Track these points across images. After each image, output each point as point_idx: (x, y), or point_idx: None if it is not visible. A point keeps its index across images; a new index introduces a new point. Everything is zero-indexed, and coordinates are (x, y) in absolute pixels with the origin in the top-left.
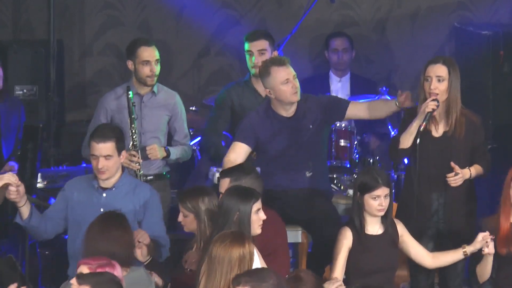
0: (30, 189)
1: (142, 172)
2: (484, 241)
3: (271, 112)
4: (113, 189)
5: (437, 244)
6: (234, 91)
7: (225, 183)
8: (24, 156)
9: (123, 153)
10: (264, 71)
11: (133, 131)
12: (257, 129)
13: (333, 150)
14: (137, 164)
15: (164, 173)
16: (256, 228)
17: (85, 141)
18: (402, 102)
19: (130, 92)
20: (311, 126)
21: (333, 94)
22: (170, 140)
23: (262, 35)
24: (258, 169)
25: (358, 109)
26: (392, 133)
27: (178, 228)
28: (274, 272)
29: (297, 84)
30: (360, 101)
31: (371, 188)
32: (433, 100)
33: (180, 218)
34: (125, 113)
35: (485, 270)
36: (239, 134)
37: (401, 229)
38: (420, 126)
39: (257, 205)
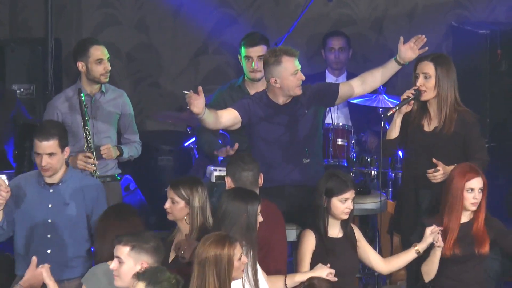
0: None
1: (98, 173)
2: (433, 235)
3: (265, 99)
4: (60, 184)
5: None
6: (227, 94)
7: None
8: (21, 154)
9: (67, 149)
10: (275, 59)
11: (87, 132)
12: (252, 109)
13: (330, 149)
14: (93, 165)
15: (116, 175)
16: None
17: None
18: (404, 55)
19: (82, 94)
20: (306, 111)
21: None
22: (119, 137)
23: (261, 40)
24: None
25: (351, 86)
26: (387, 121)
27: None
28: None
29: (303, 77)
30: (354, 80)
31: (340, 191)
32: (414, 89)
33: (167, 205)
34: (77, 115)
35: (432, 267)
36: (234, 104)
37: (358, 234)
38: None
39: (260, 206)
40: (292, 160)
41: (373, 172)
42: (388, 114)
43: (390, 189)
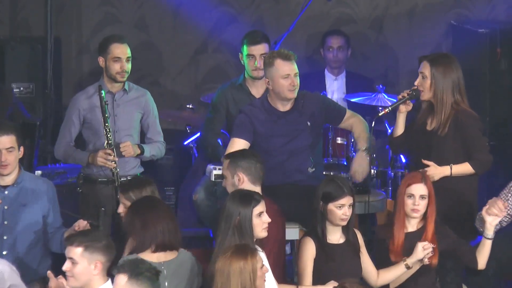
0: None
1: (118, 170)
2: (425, 252)
3: (267, 105)
4: (15, 185)
5: None
6: (229, 93)
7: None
8: None
9: (22, 148)
10: (269, 61)
11: (107, 129)
12: (253, 121)
13: (330, 148)
14: (113, 162)
15: (138, 174)
16: (259, 232)
17: (57, 141)
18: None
19: (103, 91)
20: (308, 123)
21: (329, 92)
22: (143, 138)
23: (263, 39)
24: None
25: (349, 122)
26: (389, 130)
27: None
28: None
29: (297, 82)
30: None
31: (336, 197)
32: (411, 90)
33: (121, 209)
34: (98, 112)
35: (401, 277)
36: (236, 130)
37: (361, 240)
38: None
39: (259, 208)
40: (294, 168)
41: (372, 171)
42: (380, 115)
43: (390, 188)
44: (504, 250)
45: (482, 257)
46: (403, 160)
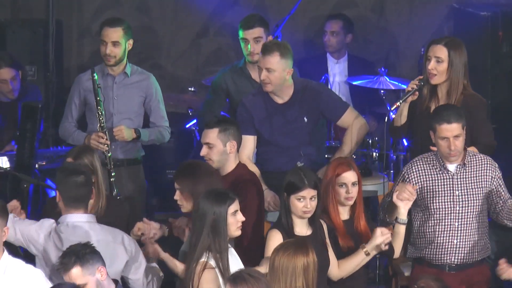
0: (29, 169)
1: (110, 154)
2: (384, 237)
3: (266, 95)
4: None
5: None
6: (229, 77)
7: (213, 133)
8: (22, 136)
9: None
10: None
11: (100, 113)
12: (252, 111)
13: (332, 131)
14: (105, 145)
15: (139, 157)
16: (233, 231)
17: (62, 120)
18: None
19: (95, 74)
20: (305, 119)
21: (331, 75)
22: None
23: (258, 23)
24: None
25: (347, 123)
26: (389, 114)
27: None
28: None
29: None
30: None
31: (297, 188)
32: (418, 80)
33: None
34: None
35: (350, 266)
36: (242, 127)
37: (326, 232)
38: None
39: (234, 207)
40: (286, 160)
41: (374, 154)
42: (392, 109)
43: (392, 171)
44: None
45: (398, 244)
46: (405, 143)
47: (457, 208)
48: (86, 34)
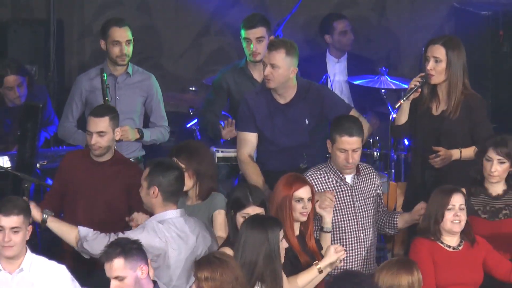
0: (30, 168)
1: None
2: (338, 254)
3: (268, 94)
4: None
5: None
6: (230, 76)
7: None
8: (24, 135)
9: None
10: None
11: None
12: (254, 109)
13: None
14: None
15: (139, 157)
16: (282, 256)
17: (60, 121)
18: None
19: (104, 74)
20: (306, 121)
21: (331, 75)
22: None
23: (260, 22)
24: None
25: None
26: (392, 113)
27: None
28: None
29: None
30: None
31: (242, 206)
32: (420, 77)
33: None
34: (98, 94)
35: (313, 282)
36: (241, 124)
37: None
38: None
39: (282, 233)
40: (289, 160)
41: (375, 153)
42: (396, 106)
43: (393, 171)
44: None
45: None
46: (406, 142)
47: (359, 219)
48: (87, 34)
